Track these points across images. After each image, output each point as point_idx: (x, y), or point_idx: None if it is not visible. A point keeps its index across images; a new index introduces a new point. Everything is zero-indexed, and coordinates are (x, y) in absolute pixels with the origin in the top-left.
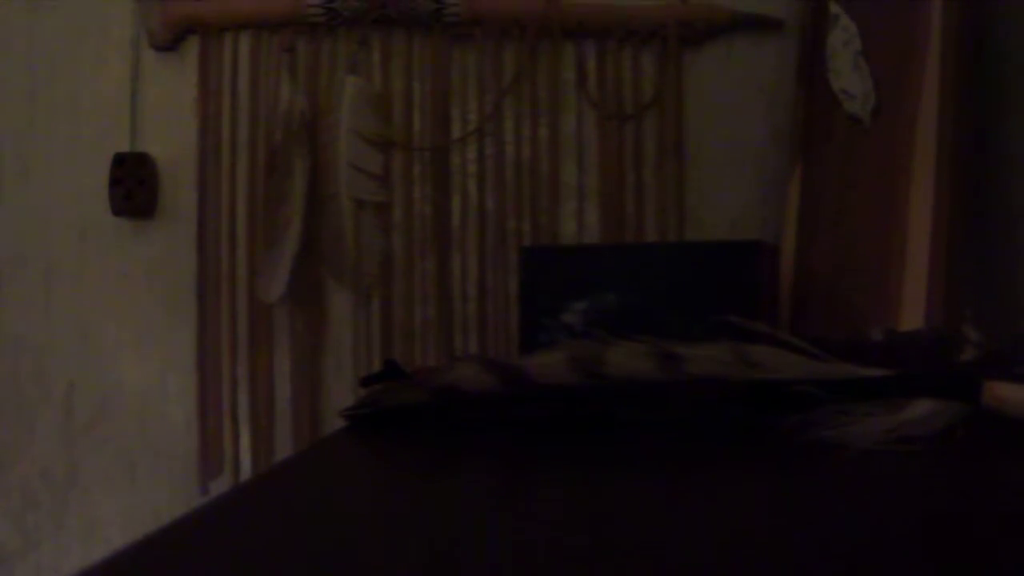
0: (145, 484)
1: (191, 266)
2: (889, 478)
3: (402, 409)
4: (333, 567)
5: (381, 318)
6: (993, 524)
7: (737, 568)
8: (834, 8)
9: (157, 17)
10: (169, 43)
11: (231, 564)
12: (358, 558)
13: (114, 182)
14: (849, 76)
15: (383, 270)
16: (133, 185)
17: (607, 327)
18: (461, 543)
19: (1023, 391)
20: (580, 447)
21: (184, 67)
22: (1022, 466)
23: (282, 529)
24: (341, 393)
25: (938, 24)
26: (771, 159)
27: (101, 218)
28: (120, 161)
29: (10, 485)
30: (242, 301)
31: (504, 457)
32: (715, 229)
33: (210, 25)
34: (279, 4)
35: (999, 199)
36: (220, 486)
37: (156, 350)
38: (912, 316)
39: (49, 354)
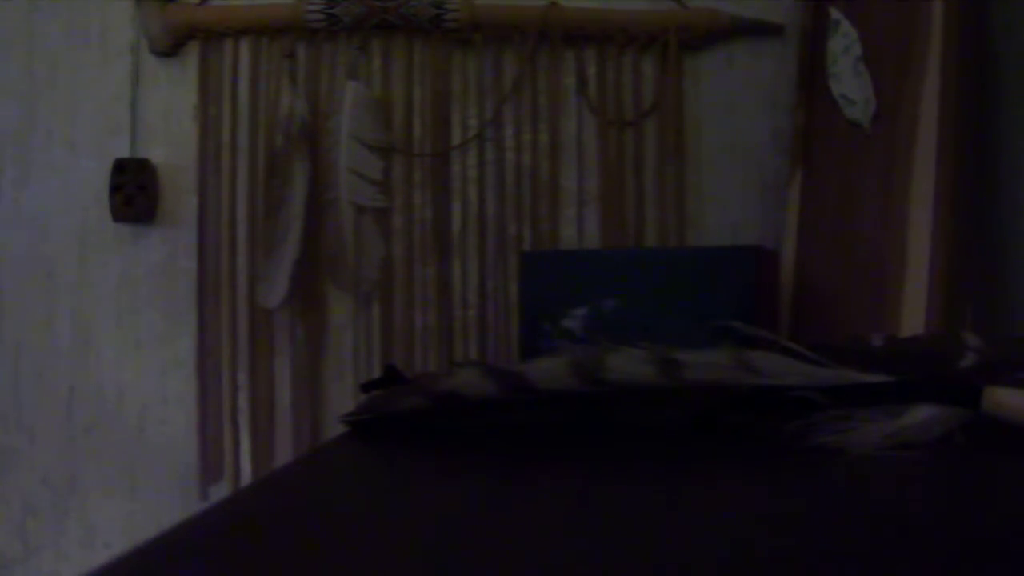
0: (145, 490)
1: (191, 272)
2: (889, 484)
3: (402, 415)
4: (333, 573)
5: (381, 324)
6: (993, 529)
7: (737, 573)
8: (834, 13)
9: (157, 22)
10: (169, 48)
11: (231, 569)
12: (358, 564)
13: (115, 188)
14: (850, 81)
15: (383, 276)
16: (133, 191)
17: (607, 333)
18: (461, 549)
19: (1023, 397)
20: (580, 453)
21: (184, 73)
22: (1021, 471)
23: (282, 535)
24: (341, 399)
25: (939, 30)
26: (771, 164)
27: (101, 224)
28: (121, 167)
29: (10, 491)
30: (242, 307)
31: (504, 463)
32: (715, 234)
33: (210, 31)
34: (279, 10)
35: (1000, 205)
36: (220, 492)
37: (156, 356)
38: (912, 321)
39: (49, 359)
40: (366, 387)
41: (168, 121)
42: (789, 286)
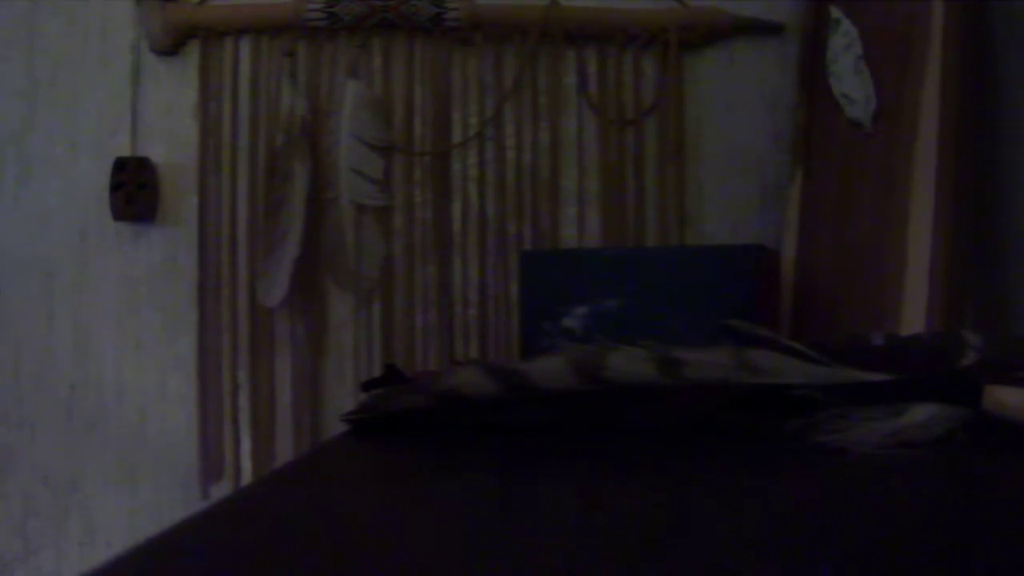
0: (146, 489)
1: (192, 270)
2: (889, 482)
3: (403, 414)
4: (334, 571)
5: (382, 322)
6: (993, 528)
7: (737, 571)
8: (835, 12)
9: (158, 21)
10: (170, 47)
11: (232, 569)
12: (359, 563)
13: (115, 187)
14: (850, 80)
15: (384, 274)
16: (134, 189)
17: (608, 331)
18: (462, 547)
19: (1023, 395)
20: (581, 452)
21: (185, 71)
22: (1021, 471)
23: (283, 534)
24: (342, 397)
25: (939, 29)
26: (772, 163)
27: (102, 222)
28: (121, 166)
29: (11, 490)
30: (243, 305)
31: (505, 462)
32: (716, 233)
33: (211, 29)
34: (280, 8)
35: (1000, 203)
36: (221, 491)
37: (157, 354)
38: (913, 320)
39: (50, 358)
40: (367, 386)
41: (168, 120)
42: (789, 286)
